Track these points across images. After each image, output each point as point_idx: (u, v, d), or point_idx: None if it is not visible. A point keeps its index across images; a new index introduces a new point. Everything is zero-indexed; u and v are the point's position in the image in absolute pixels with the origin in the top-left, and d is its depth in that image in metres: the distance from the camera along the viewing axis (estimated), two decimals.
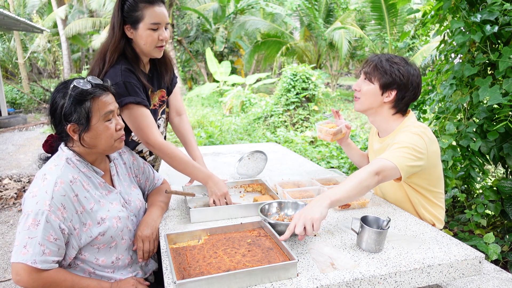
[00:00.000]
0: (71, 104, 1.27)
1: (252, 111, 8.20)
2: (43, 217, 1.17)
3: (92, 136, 1.31)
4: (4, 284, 2.65)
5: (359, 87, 1.72)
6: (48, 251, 1.18)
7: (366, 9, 12.01)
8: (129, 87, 1.59)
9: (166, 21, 1.64)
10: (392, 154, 1.51)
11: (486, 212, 2.58)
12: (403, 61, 1.66)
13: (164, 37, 1.64)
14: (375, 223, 1.35)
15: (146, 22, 1.59)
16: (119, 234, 1.38)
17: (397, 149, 1.53)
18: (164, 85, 1.88)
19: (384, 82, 1.65)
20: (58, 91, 1.31)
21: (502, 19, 2.18)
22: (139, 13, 1.58)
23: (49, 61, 17.34)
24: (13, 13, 11.19)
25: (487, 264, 1.75)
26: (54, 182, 1.23)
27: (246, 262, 1.18)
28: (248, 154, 2.05)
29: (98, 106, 1.30)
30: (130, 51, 1.65)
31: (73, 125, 1.29)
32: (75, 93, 1.27)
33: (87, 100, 1.28)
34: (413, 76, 1.65)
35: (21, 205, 4.05)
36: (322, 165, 4.70)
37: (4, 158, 6.26)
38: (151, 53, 1.68)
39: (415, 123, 1.66)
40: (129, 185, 1.55)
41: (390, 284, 1.18)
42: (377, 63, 1.66)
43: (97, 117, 1.30)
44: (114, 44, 1.62)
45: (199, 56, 15.30)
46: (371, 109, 1.72)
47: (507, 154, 2.32)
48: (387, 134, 1.75)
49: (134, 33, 1.62)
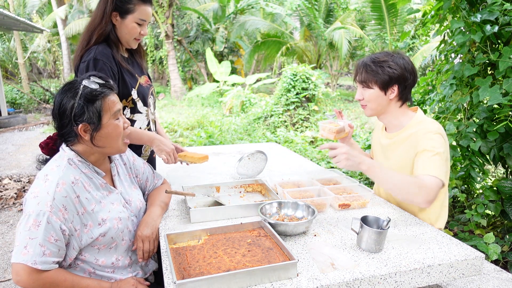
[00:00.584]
0: (82, 104, 1.27)
1: (252, 111, 8.20)
2: (44, 218, 1.17)
3: (103, 135, 1.32)
4: (4, 284, 2.65)
5: (361, 96, 1.75)
6: (49, 252, 1.18)
7: (366, 9, 12.01)
8: (98, 64, 1.70)
9: (150, 20, 1.84)
10: (430, 166, 1.53)
11: (486, 212, 2.58)
12: (388, 56, 1.68)
13: (144, 33, 1.85)
14: (375, 223, 1.35)
15: (135, 16, 1.76)
16: (119, 235, 1.38)
17: (431, 158, 1.55)
18: (145, 72, 2.02)
19: (382, 82, 1.67)
20: (65, 92, 1.30)
21: (502, 19, 2.18)
22: (132, 6, 1.74)
23: (49, 61, 17.35)
24: (13, 13, 11.20)
25: (487, 264, 1.75)
26: (56, 183, 1.23)
27: (246, 262, 1.18)
28: (248, 154, 2.04)
29: (108, 105, 1.32)
30: (114, 36, 1.79)
31: (84, 125, 1.29)
32: (86, 92, 1.28)
33: (98, 100, 1.29)
34: (404, 64, 1.68)
35: (21, 205, 4.06)
36: (322, 165, 4.70)
37: (4, 158, 6.26)
38: (129, 43, 1.84)
39: (426, 119, 1.70)
40: (129, 185, 1.55)
41: (390, 284, 1.18)
42: (367, 69, 1.69)
43: (107, 116, 1.32)
44: (102, 27, 1.75)
45: (199, 56, 15.30)
46: (381, 110, 1.75)
47: (507, 154, 2.32)
48: (398, 129, 1.76)
49: (120, 21, 1.77)
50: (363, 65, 1.71)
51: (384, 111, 1.75)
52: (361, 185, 1.81)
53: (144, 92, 1.91)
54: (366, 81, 1.70)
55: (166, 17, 12.80)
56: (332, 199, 1.67)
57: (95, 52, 1.70)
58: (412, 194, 1.46)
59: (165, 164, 2.36)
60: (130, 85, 1.81)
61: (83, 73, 1.69)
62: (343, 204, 1.66)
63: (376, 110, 1.75)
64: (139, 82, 1.89)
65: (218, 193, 1.85)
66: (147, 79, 2.00)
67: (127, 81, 1.80)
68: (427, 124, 1.66)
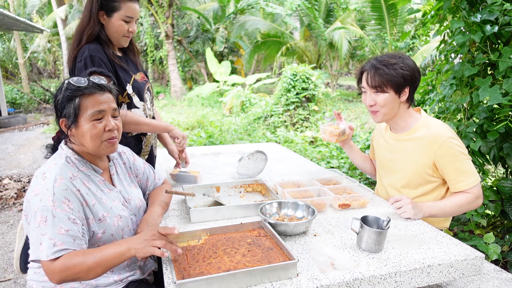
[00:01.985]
0: (62, 99, 1.31)
1: (252, 111, 8.20)
2: (49, 213, 1.18)
3: (79, 133, 1.33)
4: (4, 284, 2.65)
5: (373, 101, 1.69)
6: (60, 243, 1.17)
7: (366, 9, 12.01)
8: (94, 60, 1.72)
9: (138, 16, 1.84)
10: (467, 172, 1.64)
11: (486, 212, 2.58)
12: (396, 58, 1.67)
13: (133, 30, 1.85)
14: (375, 223, 1.35)
15: (121, 14, 1.77)
16: (119, 232, 1.38)
17: (463, 163, 1.64)
18: (141, 69, 2.04)
19: (397, 85, 1.64)
20: (60, 87, 1.35)
21: (502, 19, 2.18)
22: (117, 4, 1.76)
23: (49, 61, 17.35)
24: (13, 13, 11.20)
25: (487, 264, 1.75)
26: (54, 179, 1.24)
27: (246, 262, 1.18)
28: (248, 154, 2.05)
29: (87, 104, 1.30)
30: (105, 35, 1.81)
31: (64, 120, 1.33)
32: (67, 88, 1.31)
33: (76, 97, 1.30)
34: (414, 65, 1.68)
35: (21, 205, 4.06)
36: (322, 165, 4.70)
37: (4, 158, 6.27)
38: (118, 41, 1.85)
39: (432, 120, 1.72)
40: (129, 184, 1.55)
41: (390, 284, 1.18)
42: (380, 73, 1.64)
43: (84, 115, 1.31)
44: (91, 27, 1.77)
45: (199, 56, 15.30)
46: (393, 114, 1.73)
47: (507, 154, 2.32)
48: (405, 130, 1.77)
49: (107, 20, 1.79)
50: (374, 68, 1.65)
51: (396, 114, 1.74)
52: (361, 185, 1.81)
53: (140, 87, 1.92)
54: (380, 86, 1.65)
55: (166, 17, 12.81)
56: (332, 199, 1.67)
57: (88, 50, 1.73)
58: (471, 208, 1.67)
59: (166, 164, 2.36)
60: (124, 81, 1.83)
61: (81, 71, 1.69)
62: (343, 204, 1.66)
63: (389, 115, 1.72)
64: (134, 78, 1.90)
65: (218, 193, 1.85)
66: (143, 75, 2.02)
67: (121, 77, 1.82)
68: (437, 128, 1.67)
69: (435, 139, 1.65)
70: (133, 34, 1.88)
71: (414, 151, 1.72)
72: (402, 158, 1.77)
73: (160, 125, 1.92)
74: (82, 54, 1.73)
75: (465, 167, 1.63)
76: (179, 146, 1.98)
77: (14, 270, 2.79)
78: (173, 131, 1.93)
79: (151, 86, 2.08)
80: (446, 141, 1.62)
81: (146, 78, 2.04)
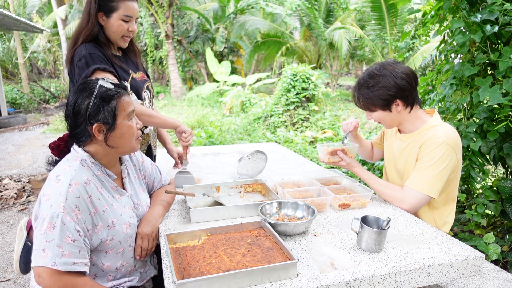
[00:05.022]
0: (98, 104, 1.27)
1: (252, 111, 8.20)
2: (59, 220, 1.16)
3: (117, 135, 1.32)
4: (4, 284, 2.65)
5: (370, 117, 1.79)
6: (68, 253, 1.16)
7: (366, 9, 12.00)
8: (94, 57, 1.72)
9: (137, 15, 1.83)
10: (419, 179, 1.62)
11: (486, 212, 2.58)
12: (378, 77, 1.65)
13: (133, 29, 1.83)
14: (375, 223, 1.35)
15: (120, 13, 1.76)
16: (127, 240, 1.37)
17: (423, 171, 1.62)
18: (141, 69, 2.04)
19: (381, 105, 1.69)
20: (80, 91, 1.29)
21: (502, 19, 2.18)
22: (115, 4, 1.75)
23: (49, 61, 17.34)
24: (13, 13, 11.20)
25: (487, 264, 1.75)
26: (68, 183, 1.22)
27: (246, 262, 1.18)
28: (248, 154, 2.04)
29: (123, 105, 1.32)
30: (103, 36, 1.81)
31: (99, 125, 1.28)
32: (101, 92, 1.28)
33: (113, 99, 1.29)
34: (394, 75, 1.63)
35: (21, 205, 4.06)
36: (322, 165, 4.70)
37: (4, 158, 6.27)
38: (117, 42, 1.84)
39: (441, 124, 1.69)
40: (138, 187, 1.55)
41: (390, 284, 1.18)
42: (362, 99, 1.72)
43: (122, 116, 1.32)
44: (89, 28, 1.76)
45: (199, 56, 15.30)
46: (397, 122, 1.77)
47: (507, 154, 2.32)
48: (412, 132, 1.78)
49: (106, 21, 1.78)
50: (357, 92, 1.73)
51: (400, 121, 1.77)
52: (361, 185, 1.81)
53: (138, 86, 1.91)
54: (366, 107, 1.74)
55: (166, 17, 12.81)
56: (332, 199, 1.67)
57: (86, 48, 1.72)
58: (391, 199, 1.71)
59: (165, 164, 2.36)
60: (122, 79, 1.83)
61: (83, 70, 1.68)
62: (343, 204, 1.66)
63: (393, 124, 1.78)
64: (132, 76, 1.90)
65: (218, 193, 1.85)
66: (143, 74, 2.01)
67: (119, 75, 1.82)
68: (437, 131, 1.66)
69: (427, 139, 1.65)
70: (134, 33, 1.87)
71: (411, 151, 1.74)
72: (403, 159, 1.80)
73: (170, 120, 1.93)
74: (79, 53, 1.72)
75: (426, 175, 1.61)
76: (185, 142, 1.97)
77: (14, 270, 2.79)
78: (181, 127, 1.93)
79: (151, 85, 2.08)
80: (432, 143, 1.62)
81: (146, 77, 2.04)
